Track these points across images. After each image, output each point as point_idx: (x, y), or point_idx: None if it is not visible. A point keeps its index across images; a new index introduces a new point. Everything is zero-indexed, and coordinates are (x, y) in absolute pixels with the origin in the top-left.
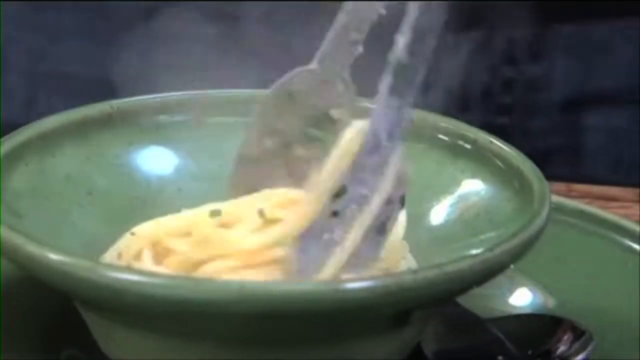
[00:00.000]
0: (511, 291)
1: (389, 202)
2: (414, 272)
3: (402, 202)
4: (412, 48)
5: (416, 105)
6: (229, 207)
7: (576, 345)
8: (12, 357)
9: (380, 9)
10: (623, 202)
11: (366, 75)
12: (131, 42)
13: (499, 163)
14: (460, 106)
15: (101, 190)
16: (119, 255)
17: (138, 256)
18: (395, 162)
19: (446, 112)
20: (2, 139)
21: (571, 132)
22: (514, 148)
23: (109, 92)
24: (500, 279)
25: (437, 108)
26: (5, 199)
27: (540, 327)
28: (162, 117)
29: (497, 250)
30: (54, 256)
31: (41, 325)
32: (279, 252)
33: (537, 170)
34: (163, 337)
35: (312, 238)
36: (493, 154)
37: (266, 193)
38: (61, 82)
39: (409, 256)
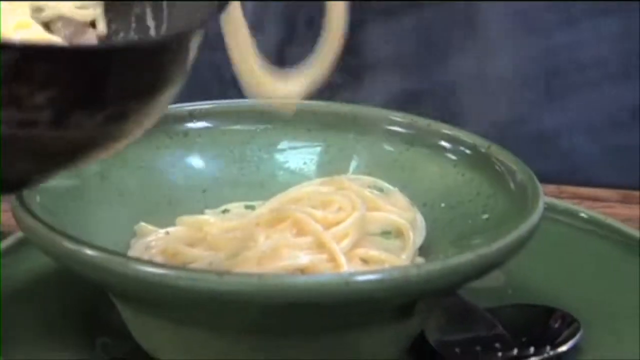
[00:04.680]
0: (507, 283)
1: None
2: (419, 266)
3: None
4: None
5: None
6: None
7: (566, 333)
8: (52, 344)
9: None
10: (609, 202)
11: None
12: None
13: (496, 167)
14: None
15: (131, 191)
16: (147, 248)
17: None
18: None
19: None
20: None
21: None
22: (510, 153)
23: None
24: (497, 272)
25: None
26: (42, 199)
27: (534, 316)
28: (189, 125)
29: (495, 246)
30: (90, 252)
31: (79, 315)
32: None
33: (531, 173)
34: (187, 327)
35: None
36: (490, 158)
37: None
38: None
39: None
